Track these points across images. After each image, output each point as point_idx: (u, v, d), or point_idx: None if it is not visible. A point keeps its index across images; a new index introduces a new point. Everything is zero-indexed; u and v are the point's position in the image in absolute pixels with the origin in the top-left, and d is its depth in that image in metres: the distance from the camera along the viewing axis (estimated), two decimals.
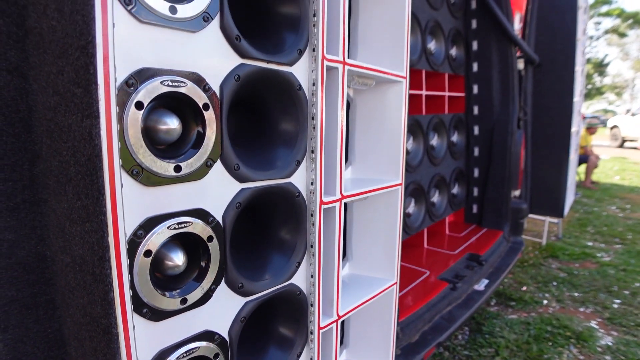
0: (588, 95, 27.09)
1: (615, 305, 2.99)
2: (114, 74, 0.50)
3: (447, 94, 2.93)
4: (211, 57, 0.67)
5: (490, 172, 3.10)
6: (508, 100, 3.06)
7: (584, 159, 6.84)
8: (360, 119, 1.13)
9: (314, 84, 0.82)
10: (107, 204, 0.50)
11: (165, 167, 0.60)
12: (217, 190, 0.69)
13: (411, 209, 2.60)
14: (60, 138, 0.58)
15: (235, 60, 0.71)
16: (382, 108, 1.09)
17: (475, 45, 3.09)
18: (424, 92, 2.64)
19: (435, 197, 2.86)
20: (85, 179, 0.53)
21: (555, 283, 3.34)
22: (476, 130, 3.14)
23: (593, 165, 6.93)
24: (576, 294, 3.16)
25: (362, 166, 1.14)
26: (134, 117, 0.55)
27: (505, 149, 3.04)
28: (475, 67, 3.11)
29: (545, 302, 3.06)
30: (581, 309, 2.95)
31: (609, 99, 31.97)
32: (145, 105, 0.58)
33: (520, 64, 3.20)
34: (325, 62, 0.82)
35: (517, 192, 3.33)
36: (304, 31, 0.80)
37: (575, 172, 4.13)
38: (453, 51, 2.97)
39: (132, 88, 0.54)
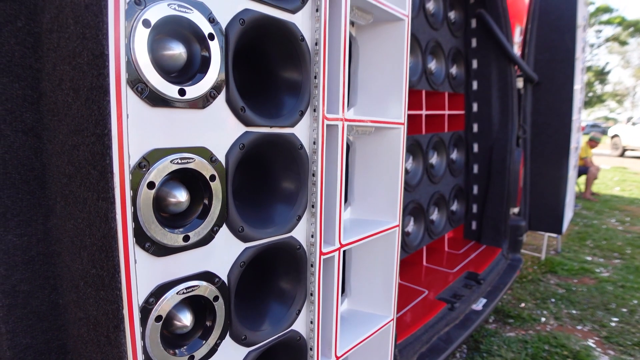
0: (589, 103, 27.16)
1: (613, 324, 3.01)
2: (128, 161, 0.53)
3: (446, 112, 2.96)
4: (217, 129, 0.71)
5: (489, 189, 3.13)
6: (507, 119, 3.09)
7: (584, 170, 6.86)
8: (360, 161, 1.16)
9: (314, 143, 0.85)
10: (122, 279, 0.53)
11: (175, 239, 0.63)
12: (223, 252, 0.73)
13: (410, 227, 2.63)
14: (76, 206, 0.61)
15: (240, 129, 0.75)
16: (380, 151, 1.12)
17: (475, 64, 3.13)
18: (423, 112, 2.67)
19: (435, 215, 2.88)
20: (100, 253, 0.56)
21: (553, 300, 3.36)
22: (476, 147, 3.18)
23: (593, 176, 6.95)
24: (574, 312, 3.18)
25: (360, 206, 1.18)
26: (147, 197, 0.58)
27: (504, 167, 3.07)
28: (475, 85, 3.15)
29: (543, 319, 3.08)
30: (579, 327, 2.97)
31: (610, 107, 32.02)
32: (156, 184, 0.62)
33: (520, 83, 3.24)
34: (326, 122, 0.86)
35: (516, 209, 3.36)
36: (305, 93, 0.83)
37: (574, 189, 4.15)
38: (453, 70, 3.01)
39: (144, 169, 0.57)
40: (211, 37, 0.68)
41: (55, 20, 0.61)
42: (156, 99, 0.60)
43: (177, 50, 0.62)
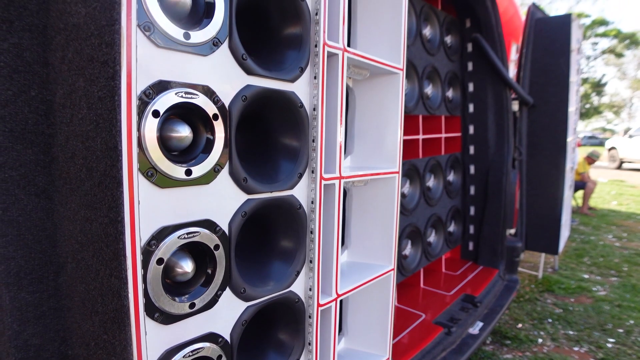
0: (586, 115, 27.37)
1: (609, 345, 3.03)
2: (139, 243, 0.57)
3: (443, 135, 3.00)
4: (221, 201, 0.75)
5: (486, 211, 3.17)
6: (503, 141, 3.14)
7: (581, 185, 6.90)
8: (357, 207, 1.20)
9: (312, 202, 0.89)
10: (134, 350, 0.56)
11: (182, 307, 0.67)
12: (226, 313, 0.76)
13: (407, 250, 2.65)
14: (87, 273, 0.65)
15: (242, 198, 0.79)
16: (376, 198, 1.15)
17: (471, 87, 3.18)
18: (420, 137, 2.71)
19: (432, 237, 2.91)
20: (112, 323, 0.59)
21: (550, 320, 3.37)
22: (472, 169, 3.22)
23: (590, 191, 6.99)
24: (571, 332, 3.20)
25: (357, 249, 1.21)
26: (156, 272, 0.62)
27: (501, 189, 3.11)
28: (471, 108, 3.20)
29: (540, 340, 3.10)
30: (575, 349, 2.98)
31: (607, 118, 32.24)
32: (165, 260, 0.65)
33: (515, 106, 3.29)
34: (324, 182, 0.90)
35: (512, 230, 3.39)
36: (303, 157, 0.88)
37: (570, 209, 4.19)
38: (449, 93, 3.06)
39: (153, 247, 0.61)
40: (215, 117, 0.73)
41: (69, 98, 0.65)
42: (165, 182, 0.65)
43: (183, 133, 0.67)
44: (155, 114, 0.61)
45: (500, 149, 3.17)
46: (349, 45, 1.00)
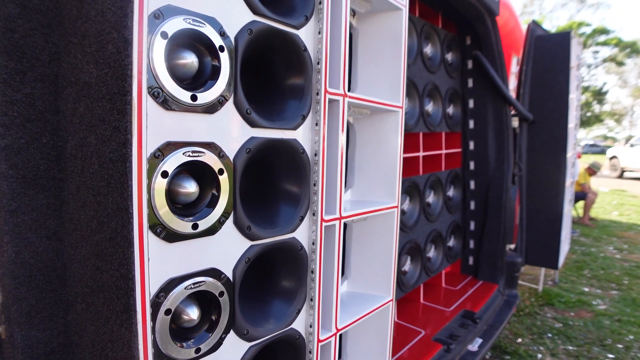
0: (587, 123, 27.43)
1: None
2: (149, 297, 0.59)
3: (443, 151, 3.03)
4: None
5: (485, 226, 3.19)
6: (503, 158, 3.17)
7: (581, 196, 6.91)
8: (356, 240, 1.22)
9: (313, 243, 0.92)
10: None
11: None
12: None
13: (407, 266, 2.67)
14: (97, 318, 0.68)
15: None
16: (375, 232, 1.18)
17: (471, 104, 3.21)
18: (420, 154, 2.74)
19: (431, 252, 2.93)
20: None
21: (550, 335, 3.38)
22: (472, 184, 3.24)
23: (591, 202, 7.00)
24: (570, 348, 3.20)
25: (357, 280, 1.23)
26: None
27: (500, 204, 3.13)
28: (471, 124, 3.22)
29: (539, 355, 3.11)
30: None
31: (608, 126, 32.26)
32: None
33: (515, 122, 3.32)
34: (324, 223, 0.93)
35: (512, 246, 3.41)
36: (304, 200, 0.90)
37: (570, 224, 4.20)
38: (450, 109, 3.09)
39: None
40: (221, 172, 0.76)
41: (80, 150, 0.68)
42: (172, 237, 0.68)
43: (190, 189, 0.70)
44: (164, 174, 0.64)
45: (500, 165, 3.20)
46: (349, 88, 1.03)
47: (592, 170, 7.12)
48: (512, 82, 4.46)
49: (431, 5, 2.87)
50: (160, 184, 0.63)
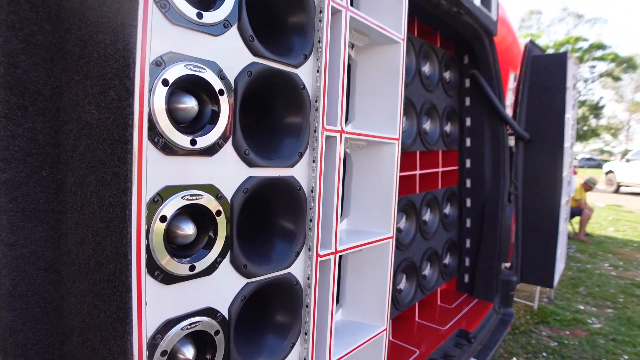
0: (584, 137, 27.66)
1: None
2: (145, 337, 0.60)
3: (440, 169, 3.05)
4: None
5: (481, 244, 3.20)
6: (499, 176, 3.19)
7: (577, 211, 6.94)
8: (351, 268, 1.23)
9: (308, 278, 0.93)
10: None
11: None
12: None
13: (402, 284, 2.67)
14: (94, 354, 0.68)
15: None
16: (371, 260, 1.19)
17: (468, 122, 3.24)
18: (417, 172, 2.75)
19: (427, 270, 2.93)
20: None
21: (545, 354, 3.38)
22: (468, 202, 3.26)
23: (587, 218, 7.03)
24: None
25: (351, 308, 1.24)
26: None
27: (496, 223, 3.15)
28: (468, 142, 3.25)
29: None
30: None
31: (605, 139, 32.50)
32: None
33: (512, 141, 3.35)
34: (319, 258, 0.93)
35: (507, 264, 3.42)
36: (300, 237, 0.92)
37: (565, 242, 4.21)
38: (447, 127, 3.11)
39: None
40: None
41: (80, 187, 0.69)
42: (170, 279, 0.68)
43: (188, 231, 0.70)
44: (163, 219, 0.65)
45: (496, 183, 3.22)
46: (346, 119, 1.04)
47: (588, 186, 7.16)
48: (510, 98, 4.50)
49: (430, 25, 2.91)
50: (159, 228, 0.64)
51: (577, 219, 7.12)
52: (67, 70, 0.77)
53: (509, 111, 4.08)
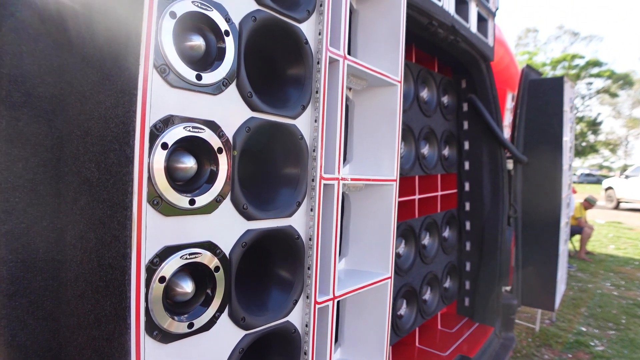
0: (582, 153, 27.79)
1: None
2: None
3: (439, 193, 3.05)
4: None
5: (481, 267, 3.19)
6: (498, 199, 3.19)
7: (577, 230, 6.92)
8: (350, 310, 1.23)
9: (306, 325, 0.93)
10: None
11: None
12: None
13: (402, 310, 2.65)
14: None
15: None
16: (369, 301, 1.19)
17: (466, 145, 3.26)
18: (416, 197, 2.76)
19: (427, 295, 2.91)
20: None
21: None
22: (468, 225, 3.26)
23: (587, 236, 7.01)
24: None
25: (350, 348, 1.23)
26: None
27: (496, 246, 3.14)
28: (467, 165, 3.26)
29: None
30: None
31: (603, 155, 32.64)
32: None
33: (510, 164, 3.36)
34: (317, 305, 0.94)
35: (508, 287, 3.40)
36: (298, 285, 0.92)
37: (565, 265, 4.20)
38: (446, 151, 3.13)
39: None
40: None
41: (80, 241, 0.70)
42: (166, 338, 0.69)
43: (187, 289, 0.71)
44: (162, 279, 0.65)
45: (495, 207, 3.22)
46: (345, 159, 1.05)
47: (588, 204, 7.16)
48: (508, 118, 4.53)
49: (428, 51, 2.95)
50: (158, 289, 0.65)
51: (577, 237, 7.10)
52: (68, 122, 0.79)
53: (507, 131, 4.11)
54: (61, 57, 0.82)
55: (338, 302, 1.19)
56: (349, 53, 1.02)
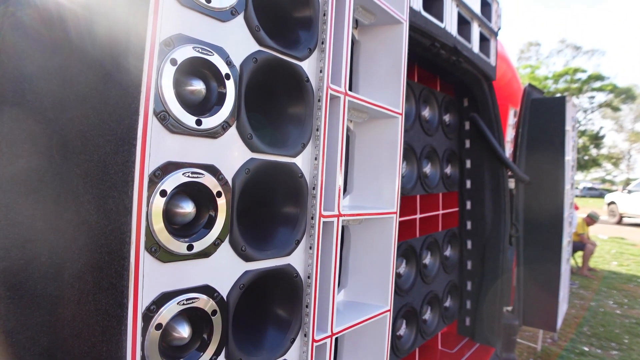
0: (585, 166, 27.77)
1: None
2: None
3: (440, 212, 3.04)
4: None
5: (482, 287, 3.16)
6: (500, 219, 3.18)
7: (580, 246, 6.88)
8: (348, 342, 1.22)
9: None
10: None
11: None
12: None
13: (402, 330, 2.63)
14: None
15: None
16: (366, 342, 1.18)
17: (468, 164, 3.26)
18: (417, 216, 2.75)
19: (427, 315, 2.89)
20: None
21: None
22: (469, 244, 3.24)
23: (590, 253, 6.97)
24: None
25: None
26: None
27: (497, 266, 3.12)
28: (468, 184, 3.26)
29: None
30: None
31: (606, 169, 32.60)
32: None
33: (512, 184, 3.35)
34: (315, 344, 0.93)
35: (509, 307, 3.37)
36: (296, 324, 0.92)
37: (567, 284, 4.16)
38: (447, 170, 3.13)
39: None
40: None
41: (77, 281, 0.70)
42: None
43: (184, 334, 0.71)
44: (158, 327, 0.65)
45: (497, 226, 3.21)
46: (345, 190, 1.05)
47: (590, 220, 7.13)
48: (510, 134, 4.53)
49: (430, 70, 2.96)
50: (154, 336, 0.64)
51: (580, 253, 7.06)
52: (68, 159, 0.79)
53: (509, 147, 4.11)
54: (63, 92, 0.82)
55: (336, 337, 1.19)
56: (350, 84, 1.02)
